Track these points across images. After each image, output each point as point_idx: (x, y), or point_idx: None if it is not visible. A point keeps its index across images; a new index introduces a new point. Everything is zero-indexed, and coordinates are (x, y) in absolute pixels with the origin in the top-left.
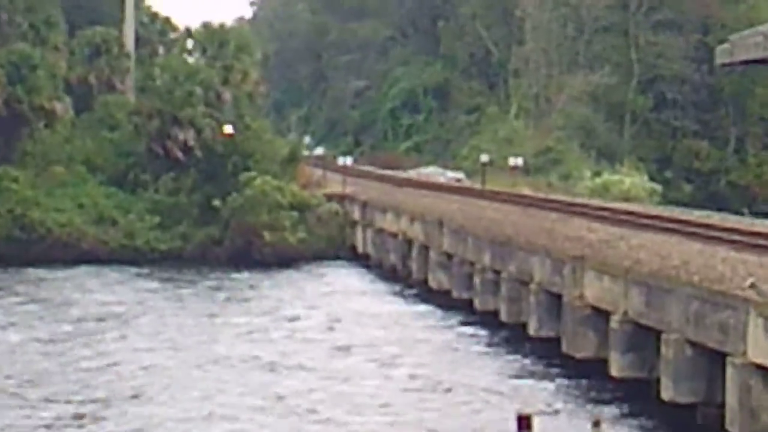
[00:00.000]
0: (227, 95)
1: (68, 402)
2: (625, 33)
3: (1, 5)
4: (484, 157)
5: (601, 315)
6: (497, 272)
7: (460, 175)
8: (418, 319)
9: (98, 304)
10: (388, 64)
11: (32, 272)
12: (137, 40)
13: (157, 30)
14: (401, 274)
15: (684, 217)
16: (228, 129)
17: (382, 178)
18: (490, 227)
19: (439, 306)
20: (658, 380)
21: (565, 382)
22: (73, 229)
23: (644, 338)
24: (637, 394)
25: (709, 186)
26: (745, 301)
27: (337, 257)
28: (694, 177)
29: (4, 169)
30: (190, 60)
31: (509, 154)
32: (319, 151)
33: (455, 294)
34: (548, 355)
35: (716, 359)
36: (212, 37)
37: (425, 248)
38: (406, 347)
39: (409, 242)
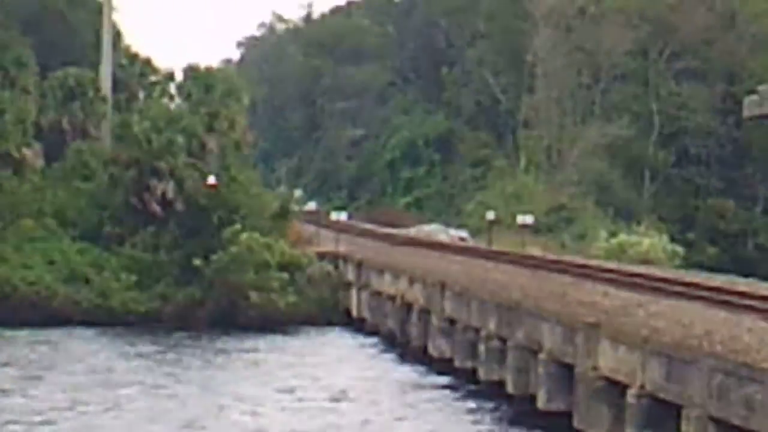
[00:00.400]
0: (212, 144)
1: None
2: (644, 82)
3: None
4: (491, 215)
5: (617, 388)
6: (503, 340)
7: (464, 233)
8: (418, 391)
9: (71, 371)
10: (387, 112)
11: None
12: (115, 83)
13: (136, 72)
14: (399, 340)
15: (707, 282)
16: (211, 180)
17: (379, 236)
18: (497, 291)
19: (440, 375)
20: None
21: None
22: (42, 287)
23: (663, 414)
24: None
25: (735, 249)
26: None
27: (329, 322)
28: (719, 239)
29: None
30: (172, 105)
31: (518, 211)
32: (311, 205)
33: (458, 363)
34: (558, 430)
35: None
36: (197, 81)
37: (426, 313)
38: (405, 423)
39: (408, 306)
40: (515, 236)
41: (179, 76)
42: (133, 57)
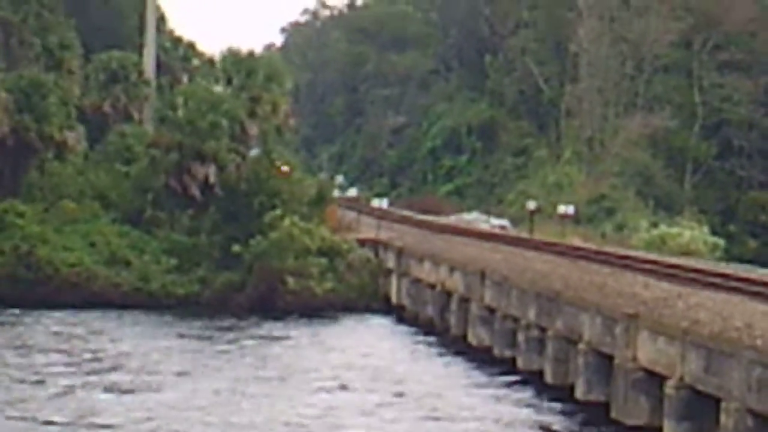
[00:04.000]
0: (254, 128)
1: None
2: (688, 73)
3: (11, 25)
4: (532, 204)
5: (655, 379)
6: (543, 329)
7: (505, 222)
8: (457, 379)
9: (115, 354)
10: (430, 100)
11: (39, 315)
12: (158, 66)
13: (179, 56)
14: (439, 328)
15: (748, 275)
16: (285, 168)
17: (420, 224)
18: (537, 280)
19: (479, 364)
20: None
21: None
22: (82, 269)
23: (702, 406)
24: None
25: None
26: None
27: (368, 308)
28: (760, 231)
29: (9, 203)
30: (215, 89)
31: (559, 201)
32: (353, 192)
33: (497, 352)
34: (596, 421)
35: None
36: (240, 65)
37: (465, 301)
38: (445, 411)
39: (448, 294)
40: (556, 226)
41: (222, 61)
42: (177, 41)
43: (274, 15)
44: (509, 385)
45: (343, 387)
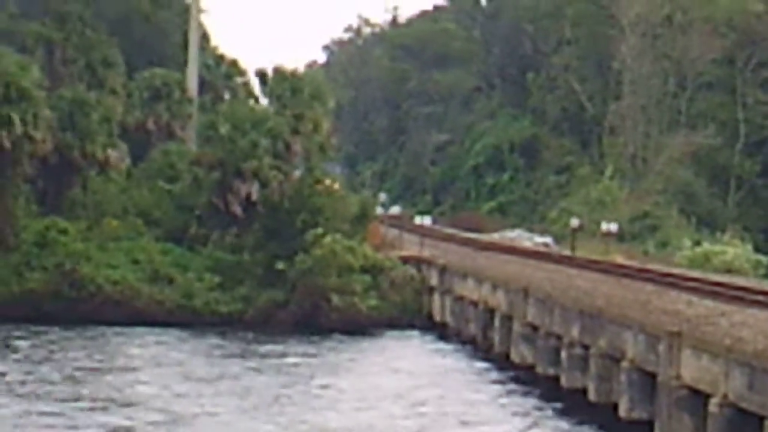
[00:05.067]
0: (297, 146)
1: None
2: (731, 90)
3: (55, 44)
4: (575, 221)
5: (699, 397)
6: (586, 347)
7: (548, 239)
8: (499, 395)
9: (157, 370)
10: (473, 117)
11: (81, 332)
12: (201, 84)
13: (222, 74)
14: (482, 346)
15: None
16: (336, 185)
17: (462, 241)
18: (580, 298)
19: (523, 382)
20: None
21: None
22: (126, 286)
23: (746, 424)
24: None
25: None
26: None
27: (411, 325)
28: None
29: (52, 219)
30: (258, 107)
31: (602, 218)
32: (396, 209)
33: (540, 369)
34: None
35: None
36: (284, 83)
37: (508, 319)
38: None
39: (491, 312)
40: (599, 244)
41: (265, 78)
42: (220, 58)
43: (316, 32)
44: (552, 401)
45: (397, 399)
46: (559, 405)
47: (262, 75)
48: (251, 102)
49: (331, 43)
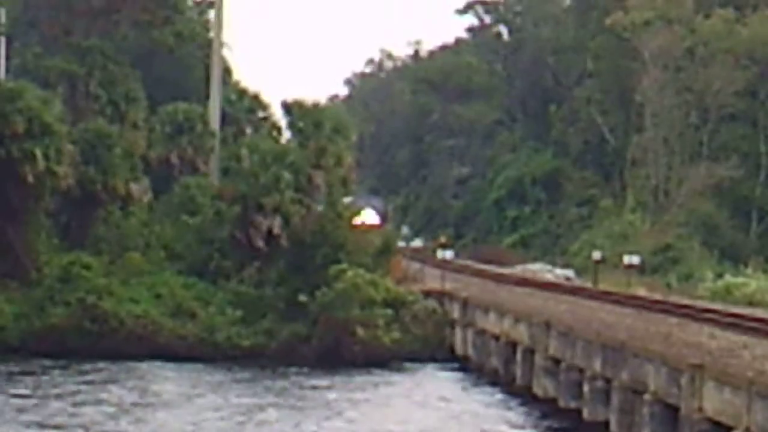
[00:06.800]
0: (319, 180)
1: None
2: (753, 122)
3: (77, 78)
4: (597, 254)
5: (722, 430)
6: (608, 380)
7: (570, 272)
8: (522, 431)
9: (180, 405)
10: (494, 150)
11: (106, 367)
12: (223, 117)
13: (244, 108)
14: (504, 379)
15: None
16: (372, 222)
17: (484, 274)
18: (602, 331)
19: (545, 416)
20: None
21: None
22: (148, 321)
23: None
24: None
25: None
26: None
27: (432, 359)
28: None
29: (75, 254)
30: (280, 141)
31: (624, 251)
32: (417, 242)
33: (562, 403)
34: None
35: None
36: (305, 117)
37: (530, 352)
38: None
39: (513, 345)
40: (621, 276)
41: (287, 111)
42: (242, 92)
43: (338, 66)
44: None
45: None
46: None
47: (287, 107)
48: (273, 135)
49: (353, 77)
